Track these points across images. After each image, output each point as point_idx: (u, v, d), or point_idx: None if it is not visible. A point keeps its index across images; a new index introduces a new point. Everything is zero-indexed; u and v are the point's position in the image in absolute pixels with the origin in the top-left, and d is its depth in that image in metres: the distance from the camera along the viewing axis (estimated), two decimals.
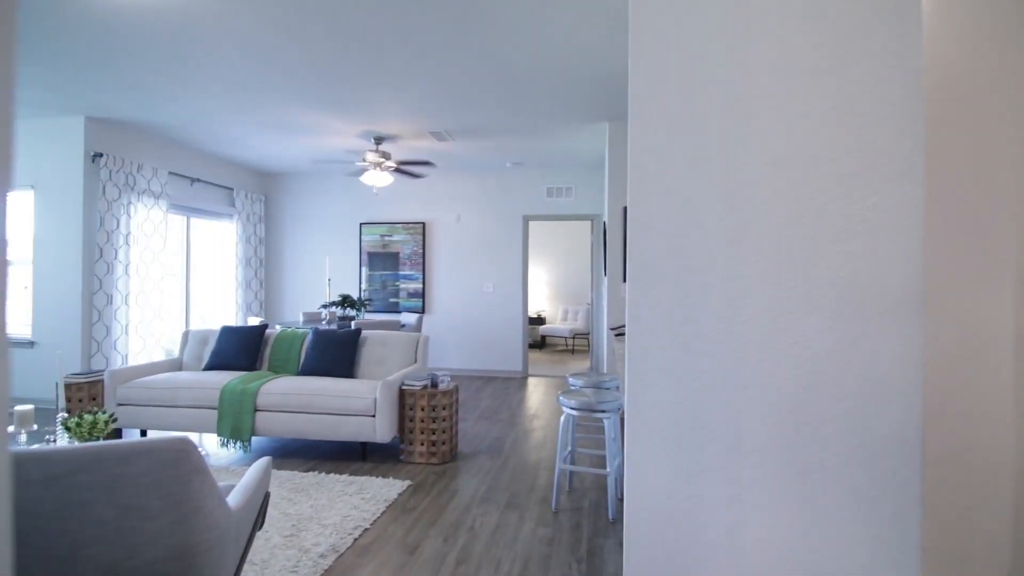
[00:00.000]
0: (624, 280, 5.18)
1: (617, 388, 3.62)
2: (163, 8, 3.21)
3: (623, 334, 3.31)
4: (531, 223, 7.92)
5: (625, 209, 4.99)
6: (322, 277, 7.91)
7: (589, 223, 7.70)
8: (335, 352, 4.32)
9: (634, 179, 1.35)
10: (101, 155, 5.47)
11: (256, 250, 7.85)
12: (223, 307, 7.43)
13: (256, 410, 3.93)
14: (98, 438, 2.81)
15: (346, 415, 3.81)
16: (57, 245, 5.44)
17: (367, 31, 3.48)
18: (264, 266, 8.06)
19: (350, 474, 3.63)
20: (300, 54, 3.86)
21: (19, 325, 5.63)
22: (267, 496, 2.16)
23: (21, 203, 5.62)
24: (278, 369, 4.48)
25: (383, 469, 3.74)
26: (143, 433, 4.22)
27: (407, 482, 3.46)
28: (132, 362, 5.81)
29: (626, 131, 5.52)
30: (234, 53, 3.85)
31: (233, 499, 1.83)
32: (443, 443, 3.87)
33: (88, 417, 2.79)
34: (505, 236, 7.52)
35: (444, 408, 3.87)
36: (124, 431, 4.36)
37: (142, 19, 3.36)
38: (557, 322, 10.79)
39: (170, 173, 6.38)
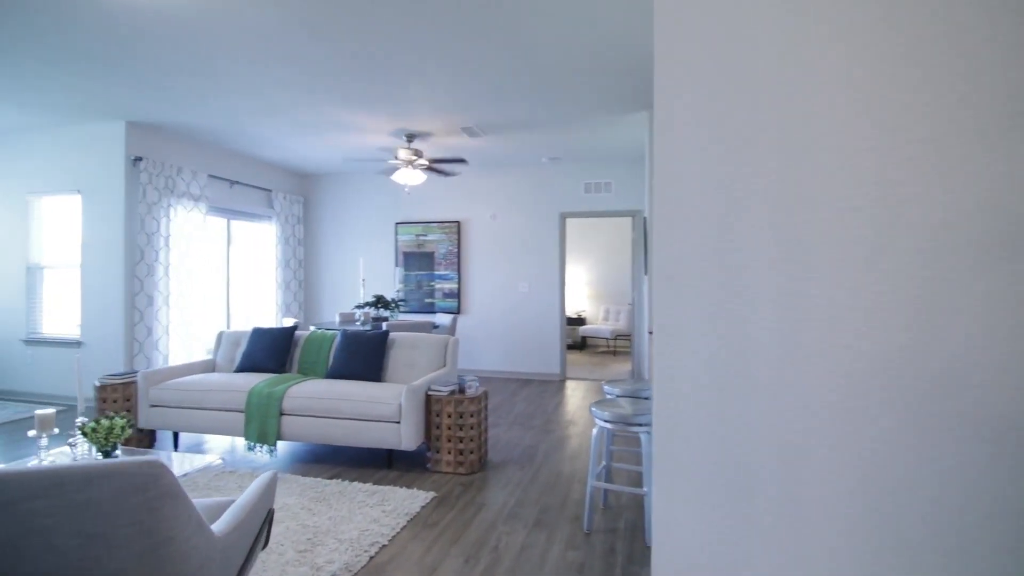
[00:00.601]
0: None
1: None
2: (182, 8, 3.14)
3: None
4: (569, 220, 7.65)
5: None
6: (359, 277, 7.89)
7: (630, 219, 7.37)
8: (362, 355, 4.20)
9: (662, 168, 1.10)
10: (141, 159, 5.57)
11: (295, 251, 7.90)
12: (263, 308, 7.51)
13: (282, 414, 3.85)
14: (115, 444, 2.75)
15: (370, 421, 3.68)
16: (101, 248, 5.57)
17: (392, 23, 3.33)
18: (303, 267, 8.11)
19: (374, 483, 3.49)
20: (325, 51, 3.75)
21: (70, 326, 5.81)
22: (270, 513, 2.02)
23: (70, 207, 5.80)
24: (307, 372, 4.41)
25: (408, 478, 3.58)
26: (175, 436, 4.22)
27: (431, 494, 3.28)
28: (172, 362, 5.90)
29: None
30: (257, 52, 3.78)
31: (224, 522, 1.68)
32: (471, 452, 3.68)
33: (105, 422, 2.74)
34: (542, 234, 7.29)
35: (472, 415, 3.68)
36: (158, 433, 4.39)
37: (164, 21, 3.32)
38: (598, 322, 10.47)
39: (209, 176, 6.46)
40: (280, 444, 4.20)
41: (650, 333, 3.50)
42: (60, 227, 5.87)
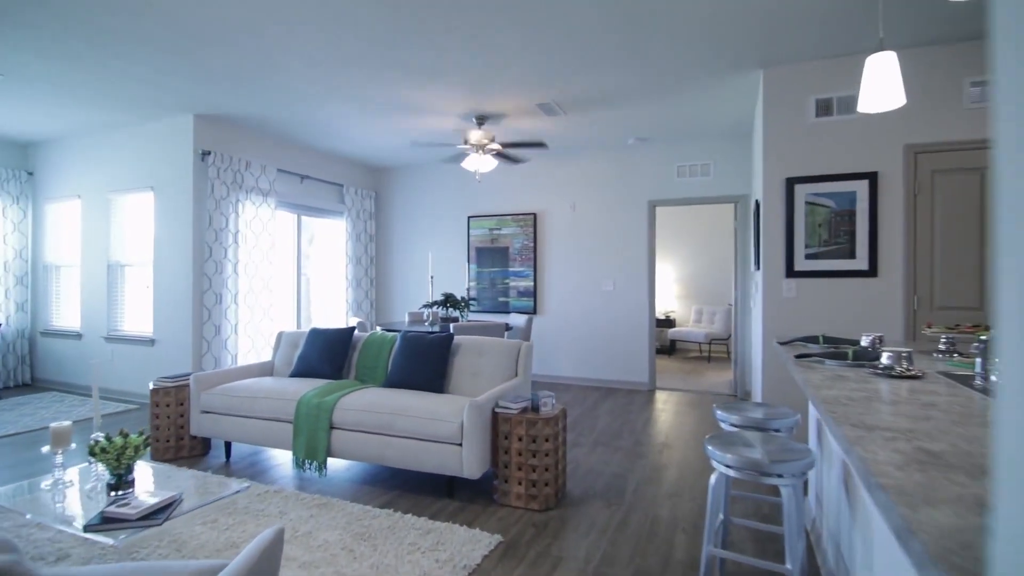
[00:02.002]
0: (788, 275, 3.95)
1: (792, 431, 2.52)
2: None
3: (809, 357, 2.23)
4: (658, 209, 6.79)
5: (790, 182, 3.75)
6: (437, 272, 7.47)
7: (732, 206, 6.40)
8: (422, 362, 3.67)
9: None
10: (209, 153, 5.41)
11: (366, 247, 7.62)
12: (335, 306, 7.28)
13: (332, 427, 3.40)
14: (129, 465, 2.36)
15: (428, 441, 3.13)
16: (171, 244, 5.48)
17: None
18: (374, 264, 7.82)
19: (430, 517, 2.93)
20: (390, 18, 3.24)
21: (143, 323, 5.79)
22: None
23: (146, 204, 5.77)
24: (365, 378, 3.95)
25: (471, 513, 2.99)
26: (227, 446, 3.91)
27: (497, 537, 2.67)
28: (242, 362, 5.73)
29: (791, 77, 4.35)
30: (322, 24, 3.35)
31: None
32: (545, 484, 3.03)
33: (118, 440, 2.35)
34: (628, 225, 6.49)
35: (547, 440, 3.02)
36: (212, 442, 4.10)
37: (230, 2, 2.95)
38: (689, 324, 9.46)
39: (279, 170, 6.27)
40: (332, 461, 3.77)
41: (784, 346, 2.67)
42: (138, 225, 5.86)
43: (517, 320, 6.01)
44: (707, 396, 6.11)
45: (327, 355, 4.02)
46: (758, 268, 4.47)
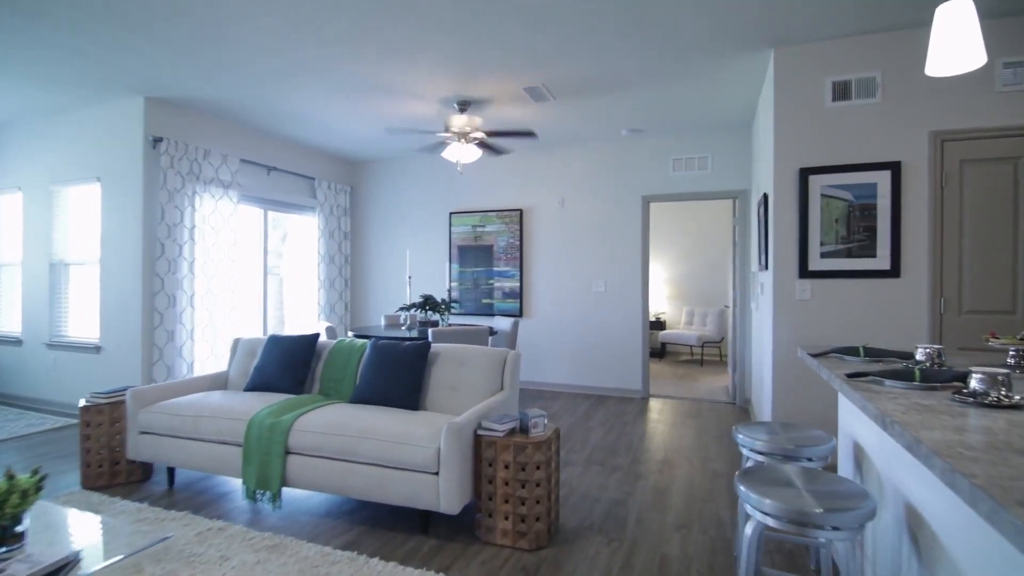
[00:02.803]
0: (801, 275, 3.58)
1: (826, 461, 2.12)
2: None
3: (863, 376, 1.83)
4: (653, 205, 6.41)
5: (804, 172, 3.37)
6: (416, 272, 7.01)
7: (730, 202, 6.04)
8: (395, 374, 3.22)
9: None
10: (161, 140, 4.88)
11: (340, 246, 7.12)
12: (306, 309, 6.77)
13: (288, 452, 2.92)
14: (16, 515, 1.87)
15: (400, 469, 2.68)
16: (119, 241, 4.94)
17: None
18: (349, 263, 7.32)
19: (400, 561, 2.48)
20: None
21: (89, 328, 5.23)
22: None
23: (90, 198, 5.22)
24: (330, 392, 3.48)
25: (449, 554, 2.55)
26: (171, 470, 3.41)
27: None
28: (199, 371, 5.21)
29: (805, 57, 3.96)
30: None
31: None
32: (536, 518, 2.60)
33: (2, 483, 1.87)
34: (620, 222, 6.09)
35: (539, 467, 2.59)
36: (154, 466, 3.59)
37: None
38: (680, 327, 9.11)
39: (242, 161, 5.75)
40: (287, 491, 3.31)
41: (816, 359, 2.27)
42: (84, 219, 5.30)
43: (502, 324, 5.57)
44: (704, 404, 5.74)
45: (287, 366, 3.54)
46: (765, 268, 4.09)
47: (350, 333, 5.00)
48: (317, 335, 3.69)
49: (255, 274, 6.12)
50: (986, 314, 3.33)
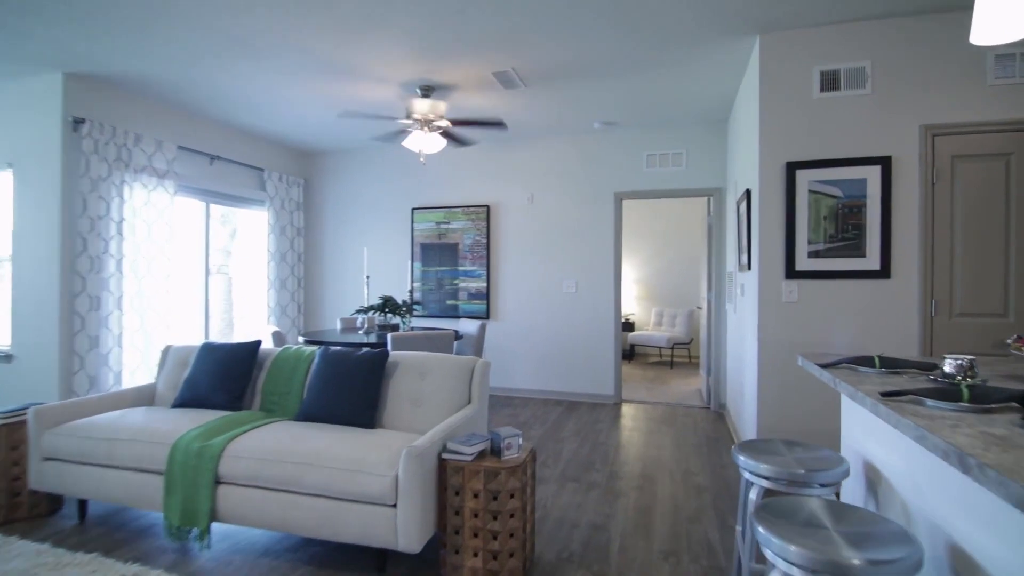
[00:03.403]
0: (788, 276, 3.36)
1: (838, 487, 1.87)
2: None
3: (902, 395, 1.57)
4: (626, 203, 6.18)
5: (791, 167, 3.15)
6: (374, 272, 6.57)
7: (701, 201, 5.85)
8: (348, 387, 2.83)
9: None
10: (83, 121, 4.32)
11: (293, 243, 6.62)
12: (256, 311, 6.25)
13: (219, 482, 2.50)
14: None
15: (351, 501, 2.30)
16: (35, 236, 4.35)
17: None
18: (303, 262, 6.82)
19: None
20: None
21: (4, 335, 4.61)
22: None
23: (1, 186, 4.60)
24: (273, 408, 3.06)
25: None
26: (82, 505, 2.92)
27: None
28: (127, 383, 4.66)
29: (792, 45, 3.37)
30: None
31: None
32: (510, 554, 2.26)
33: None
34: (592, 220, 5.83)
35: (512, 495, 2.26)
36: (65, 498, 3.07)
37: None
38: (650, 328, 8.95)
39: (180, 148, 5.21)
40: (219, 526, 2.86)
41: (827, 369, 1.99)
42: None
43: (468, 327, 5.22)
44: (678, 409, 5.53)
45: (223, 378, 3.10)
46: (748, 268, 3.87)
47: (301, 339, 4.55)
48: (258, 342, 3.25)
49: (197, 273, 5.57)
50: (977, 317, 3.19)
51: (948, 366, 1.75)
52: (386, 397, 2.91)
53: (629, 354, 8.92)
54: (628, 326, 8.96)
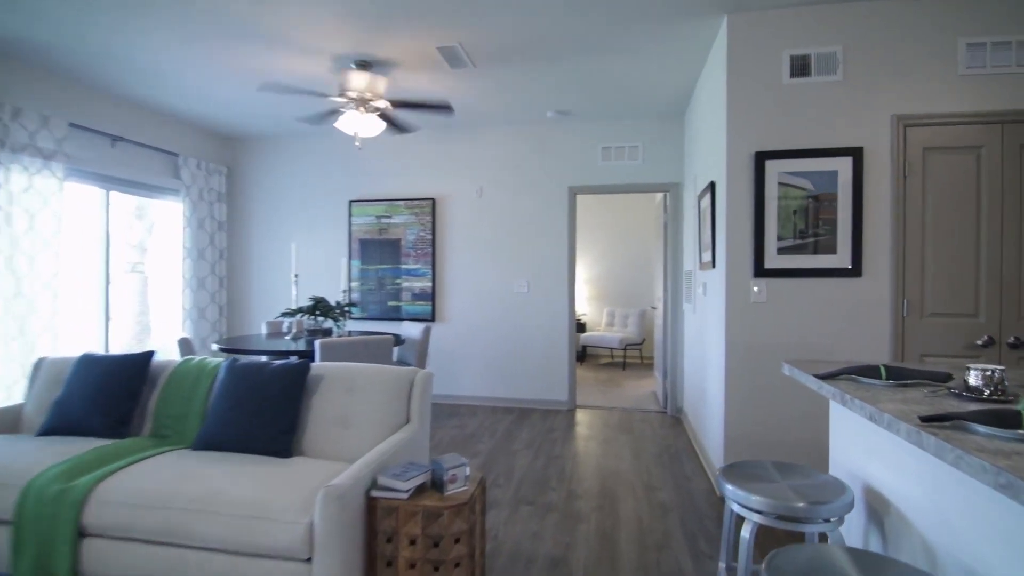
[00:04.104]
0: (756, 274, 3.12)
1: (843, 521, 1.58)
2: None
3: (945, 420, 1.27)
4: (580, 198, 5.89)
5: (760, 157, 2.88)
6: (302, 273, 5.98)
7: (656, 197, 5.63)
8: (259, 406, 2.34)
9: None
10: None
11: (213, 238, 5.94)
12: (166, 315, 5.55)
13: (83, 534, 1.97)
14: None
15: (253, 556, 1.83)
16: None
17: None
18: (225, 259, 6.15)
19: None
20: None
21: None
22: None
23: None
24: (167, 434, 2.53)
25: None
26: None
27: None
28: (2, 400, 3.93)
29: (762, 26, 3.02)
30: None
31: None
32: None
33: None
34: (545, 216, 5.49)
35: (458, 539, 1.86)
36: None
37: None
38: (602, 328, 8.73)
39: (73, 125, 4.49)
40: None
41: (824, 379, 1.69)
42: None
43: (411, 330, 4.76)
44: (634, 414, 5.27)
45: (103, 399, 2.53)
46: (712, 266, 3.62)
47: (214, 346, 3.97)
48: (150, 354, 2.70)
49: (94, 273, 4.85)
50: (948, 317, 3.04)
51: (974, 377, 1.48)
52: (307, 418, 2.44)
53: (581, 355, 8.67)
54: (580, 327, 8.71)
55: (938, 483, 1.41)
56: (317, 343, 3.48)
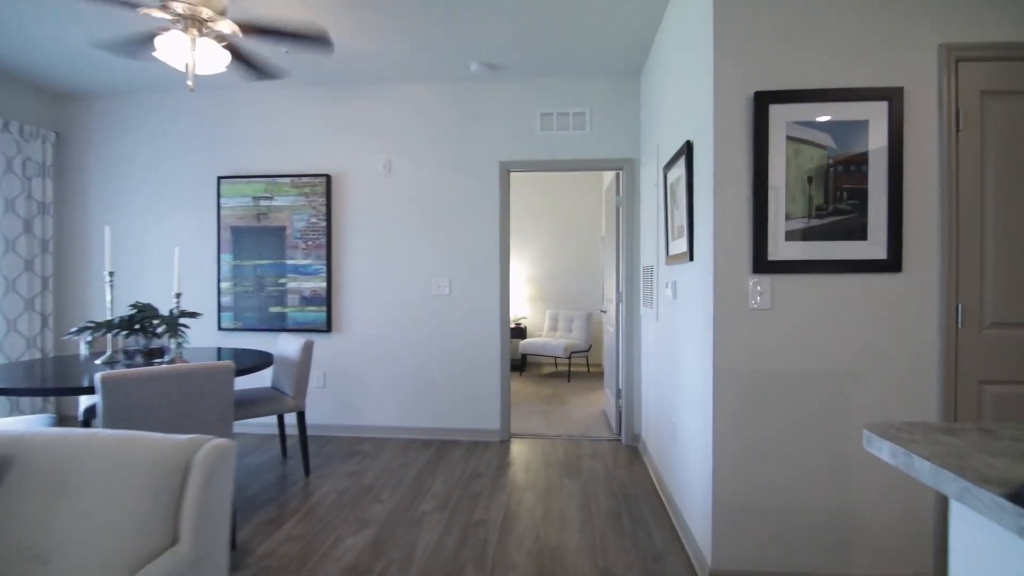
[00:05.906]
0: (756, 269, 2.14)
1: None
2: None
3: None
4: (514, 176, 4.85)
5: (761, 99, 1.90)
6: (164, 268, 4.62)
7: (613, 176, 4.65)
8: None
9: None
10: None
11: (31, 224, 4.48)
12: None
13: None
14: None
15: None
16: None
17: None
18: (51, 252, 4.68)
19: None
20: None
21: None
22: None
23: None
24: None
25: None
26: None
27: None
28: None
29: None
30: None
31: None
32: None
33: None
34: (470, 198, 4.39)
35: None
36: None
37: None
38: (544, 334, 7.73)
39: None
40: None
41: (881, 435, 0.79)
42: None
43: (288, 346, 3.55)
44: (582, 445, 4.26)
45: None
46: (690, 259, 2.64)
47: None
48: None
49: None
50: (1018, 328, 2.18)
51: None
52: None
53: (520, 365, 7.62)
54: (519, 332, 7.66)
55: None
56: (98, 378, 2.23)
